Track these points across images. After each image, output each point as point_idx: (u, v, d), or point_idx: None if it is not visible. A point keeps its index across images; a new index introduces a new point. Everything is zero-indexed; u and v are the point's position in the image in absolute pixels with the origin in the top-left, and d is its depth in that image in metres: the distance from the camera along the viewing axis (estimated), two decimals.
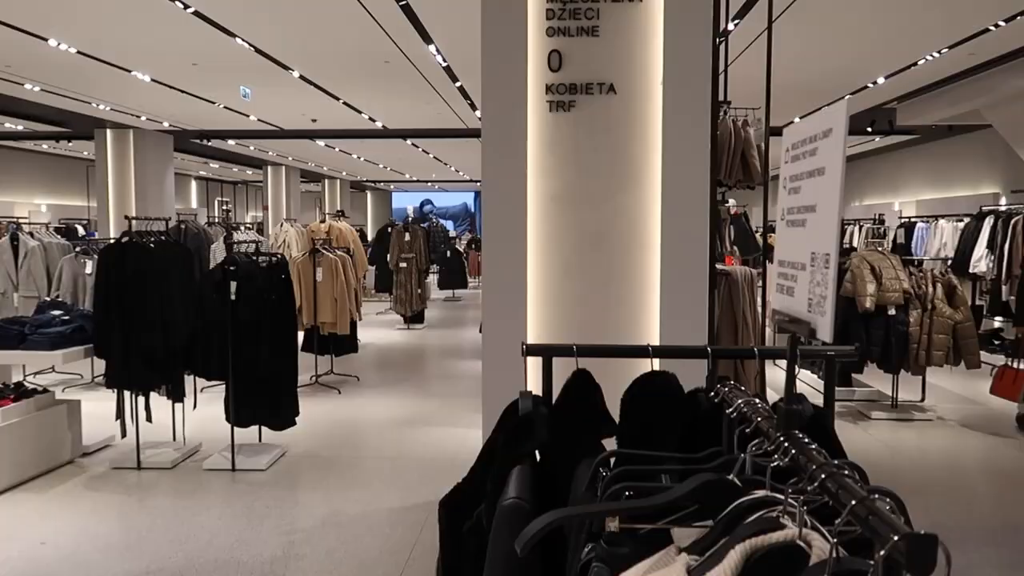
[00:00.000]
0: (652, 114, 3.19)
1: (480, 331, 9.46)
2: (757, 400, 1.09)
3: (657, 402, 1.56)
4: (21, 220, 14.11)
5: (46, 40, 7.89)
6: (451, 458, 5.59)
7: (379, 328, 12.19)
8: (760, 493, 0.95)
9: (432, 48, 8.27)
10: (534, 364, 1.82)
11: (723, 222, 4.02)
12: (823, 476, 0.78)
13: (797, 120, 12.88)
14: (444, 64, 9.02)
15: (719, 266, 3.72)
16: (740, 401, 1.10)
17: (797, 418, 0.92)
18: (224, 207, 27.61)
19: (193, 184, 26.28)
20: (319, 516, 4.51)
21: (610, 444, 1.62)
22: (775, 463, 0.95)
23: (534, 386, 1.83)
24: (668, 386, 1.58)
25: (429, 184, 31.40)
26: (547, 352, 1.65)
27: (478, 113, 12.53)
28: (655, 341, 3.20)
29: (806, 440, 0.88)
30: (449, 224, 27.63)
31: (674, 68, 3.16)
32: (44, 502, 4.73)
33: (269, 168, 21.30)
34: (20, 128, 14.11)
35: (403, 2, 6.73)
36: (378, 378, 8.59)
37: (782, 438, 0.90)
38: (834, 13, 7.15)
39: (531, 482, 1.45)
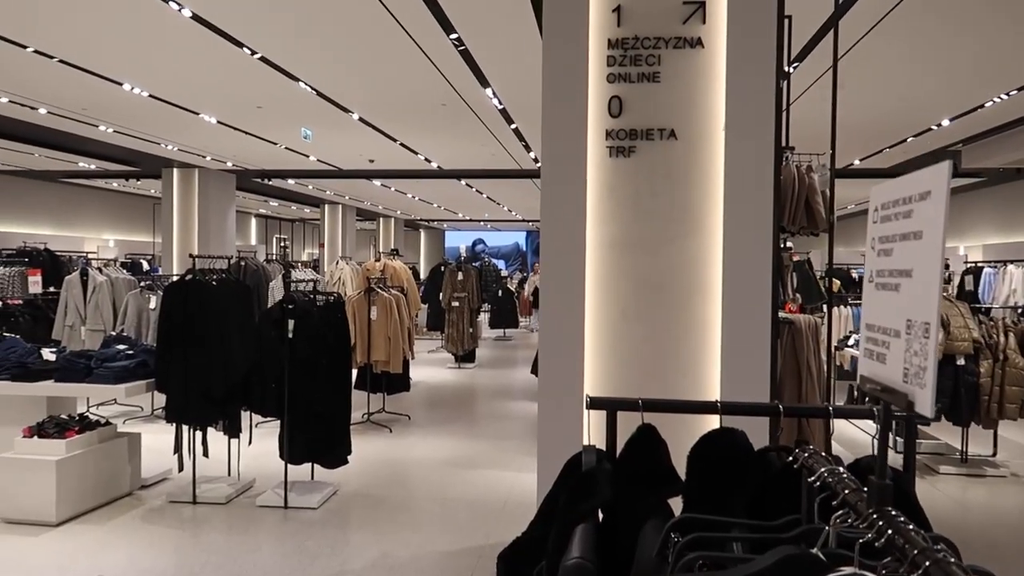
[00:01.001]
0: (714, 160, 3.16)
1: (532, 372, 9.39)
2: (841, 469, 1.04)
3: (726, 461, 1.51)
4: (90, 255, 14.67)
5: (121, 84, 8.25)
6: (502, 502, 5.52)
7: (430, 367, 12.22)
8: (847, 570, 0.90)
9: (489, 91, 8.40)
10: (595, 413, 1.78)
11: (785, 268, 3.94)
12: (927, 563, 0.73)
13: (857, 163, 12.67)
14: (500, 107, 9.15)
15: (782, 314, 3.64)
16: (823, 469, 1.05)
17: (889, 494, 0.87)
18: (282, 244, 28.32)
19: (253, 221, 27.02)
20: (369, 558, 4.48)
21: (675, 503, 1.57)
22: (863, 538, 0.90)
23: (596, 437, 1.79)
24: (737, 444, 1.52)
25: (482, 223, 31.70)
26: (611, 405, 1.61)
27: (532, 154, 12.64)
28: (715, 390, 3.12)
29: (901, 519, 0.83)
30: (501, 263, 27.77)
31: (736, 113, 3.13)
32: (103, 534, 4.81)
33: (326, 207, 21.79)
34: (92, 167, 14.73)
35: (462, 47, 6.87)
36: (429, 417, 8.58)
37: (875, 515, 0.85)
38: (897, 55, 7.05)
39: (595, 541, 1.41)
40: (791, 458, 1.23)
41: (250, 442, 5.76)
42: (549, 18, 3.24)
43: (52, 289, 10.58)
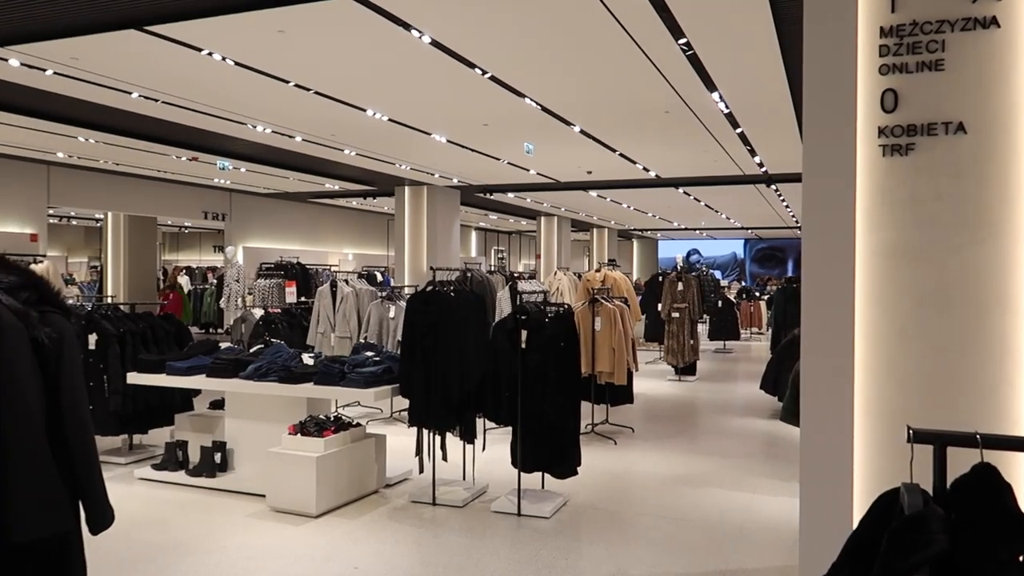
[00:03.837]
0: (1014, 154, 2.74)
1: (761, 387, 8.87)
2: None
3: None
4: (333, 267, 16.10)
5: (365, 110, 8.93)
6: (738, 527, 5.23)
7: (650, 379, 12.01)
8: None
9: (715, 95, 8.11)
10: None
11: None
12: None
13: None
14: (726, 111, 8.80)
15: None
16: None
17: None
18: (499, 256, 29.41)
19: (473, 234, 28.31)
20: (604, 573, 4.42)
21: None
22: None
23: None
24: None
25: (696, 232, 30.88)
26: (940, 439, 1.40)
27: (757, 159, 12.06)
28: (1019, 422, 2.70)
29: None
30: (717, 273, 26.84)
31: None
32: (355, 528, 5.16)
33: (542, 219, 22.29)
34: (336, 187, 16.16)
35: (690, 52, 6.67)
36: (652, 430, 8.41)
37: None
38: None
39: None
40: None
41: (484, 448, 5.94)
42: (811, 9, 3.00)
43: (303, 299, 11.72)
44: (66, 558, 2.29)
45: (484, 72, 7.32)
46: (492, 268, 17.20)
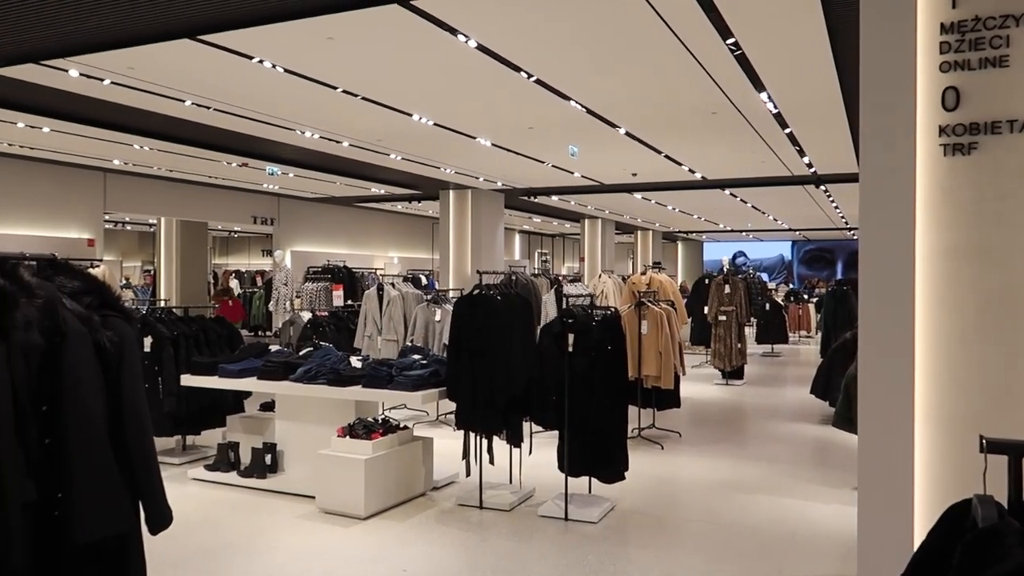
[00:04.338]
0: None
1: (811, 392, 8.69)
2: None
3: None
4: (378, 271, 16.26)
5: (410, 116, 9.00)
6: (790, 533, 5.13)
7: (697, 382, 11.86)
8: None
9: (763, 96, 7.98)
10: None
11: None
12: None
13: None
14: (775, 111, 8.66)
15: None
16: None
17: None
18: (543, 259, 29.38)
19: (517, 237, 28.33)
20: None
21: None
22: None
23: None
24: None
25: (743, 234, 30.45)
26: (1016, 450, 1.35)
27: (806, 159, 11.84)
28: None
29: None
30: (764, 276, 26.41)
31: None
32: (403, 530, 5.19)
33: (586, 221, 22.21)
34: (382, 192, 16.32)
35: (738, 52, 6.58)
36: (699, 435, 8.30)
37: None
38: None
39: None
40: None
41: (530, 452, 5.93)
42: (868, 6, 2.93)
43: (350, 302, 11.85)
44: (126, 557, 2.34)
45: (530, 76, 7.32)
46: (536, 271, 17.18)
